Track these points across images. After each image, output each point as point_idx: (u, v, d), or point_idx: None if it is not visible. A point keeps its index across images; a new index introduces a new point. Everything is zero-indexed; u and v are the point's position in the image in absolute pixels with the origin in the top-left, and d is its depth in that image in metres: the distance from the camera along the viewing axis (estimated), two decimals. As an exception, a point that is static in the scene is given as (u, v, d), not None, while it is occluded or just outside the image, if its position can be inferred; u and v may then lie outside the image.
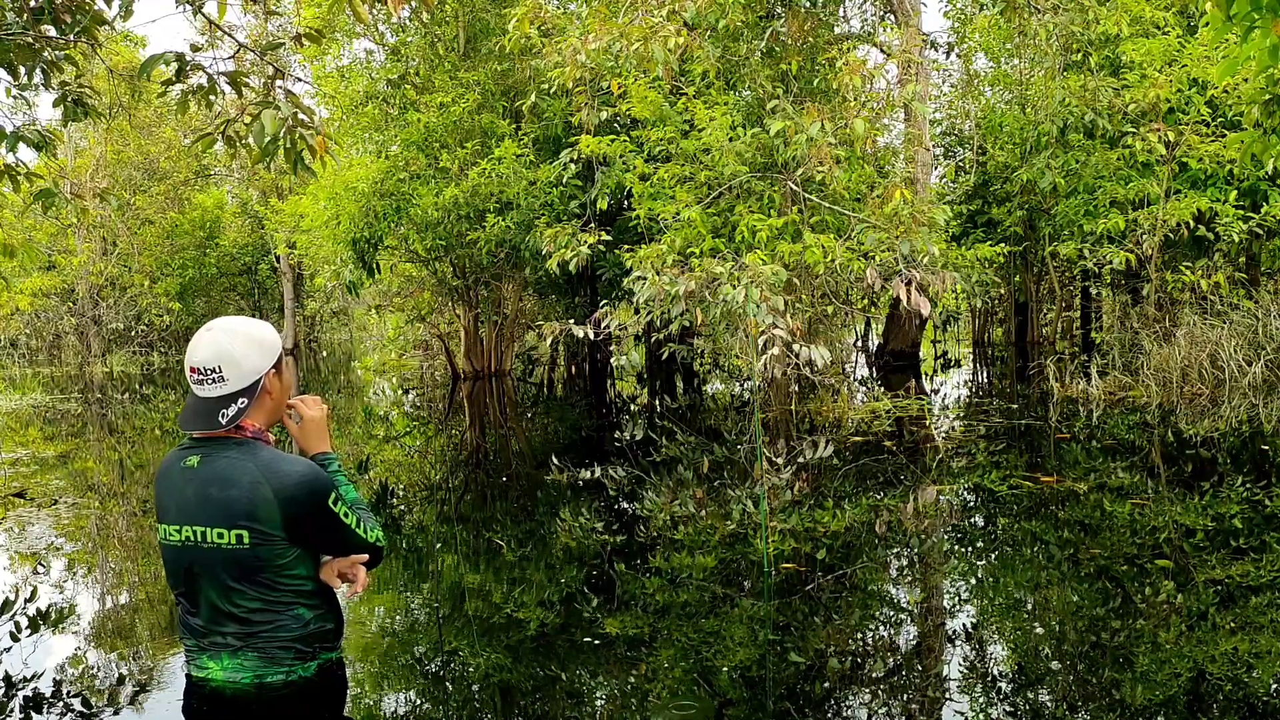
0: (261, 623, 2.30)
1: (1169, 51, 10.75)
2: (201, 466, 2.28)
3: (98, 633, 3.17)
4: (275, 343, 2.38)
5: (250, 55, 5.49)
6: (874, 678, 2.72)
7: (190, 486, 2.27)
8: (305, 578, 2.34)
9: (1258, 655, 2.83)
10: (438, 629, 3.20)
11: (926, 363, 16.54)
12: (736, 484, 5.88)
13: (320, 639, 2.38)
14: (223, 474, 2.26)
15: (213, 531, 2.24)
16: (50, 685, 2.71)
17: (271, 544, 2.26)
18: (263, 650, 2.33)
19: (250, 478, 2.25)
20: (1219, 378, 9.28)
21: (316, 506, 2.29)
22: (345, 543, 2.38)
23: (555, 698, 2.57)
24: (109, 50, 22.21)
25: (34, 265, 29.00)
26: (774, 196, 9.70)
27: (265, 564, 2.27)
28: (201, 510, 2.25)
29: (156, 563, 4.31)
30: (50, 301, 30.73)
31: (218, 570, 2.26)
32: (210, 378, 2.28)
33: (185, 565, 2.28)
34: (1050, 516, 4.69)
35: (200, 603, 2.30)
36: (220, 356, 2.27)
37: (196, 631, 2.34)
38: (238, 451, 2.29)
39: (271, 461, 2.28)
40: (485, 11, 13.88)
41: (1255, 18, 3.83)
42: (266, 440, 2.38)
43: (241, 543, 2.23)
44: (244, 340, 2.31)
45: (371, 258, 14.18)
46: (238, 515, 2.23)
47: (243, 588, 2.27)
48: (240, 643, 2.31)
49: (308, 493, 2.27)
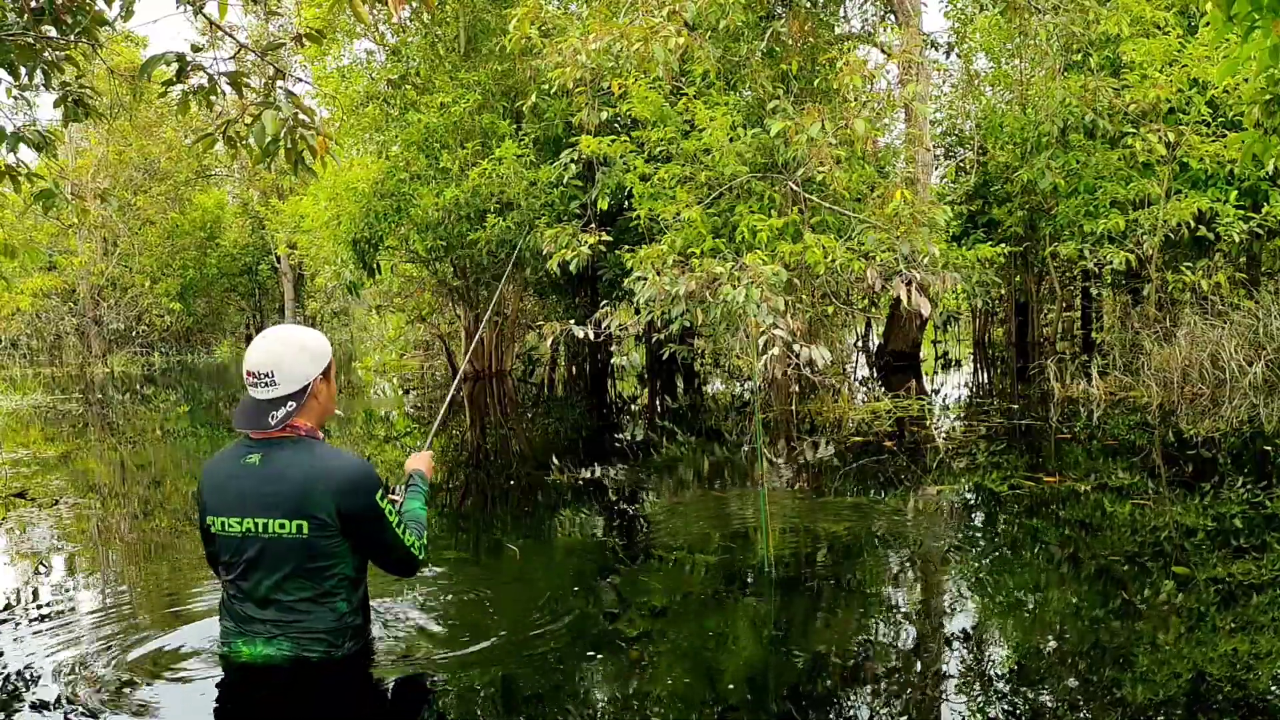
0: (302, 612, 2.49)
1: (1169, 52, 10.74)
2: (262, 464, 2.47)
3: (98, 632, 3.17)
4: (325, 350, 2.58)
5: (251, 56, 5.49)
6: (875, 677, 2.72)
7: (251, 481, 2.47)
8: (349, 572, 2.54)
9: (1258, 656, 2.83)
10: (437, 628, 3.20)
11: (927, 363, 16.54)
12: (737, 484, 5.88)
13: (351, 633, 2.55)
14: (283, 470, 2.46)
15: (274, 523, 2.44)
16: (53, 684, 2.71)
17: (327, 534, 2.46)
18: (296, 640, 2.50)
19: (307, 472, 2.45)
20: (1220, 378, 9.28)
21: (365, 499, 2.48)
22: (386, 541, 2.57)
23: (554, 697, 2.57)
24: (110, 51, 22.22)
25: (35, 265, 29.03)
26: (774, 197, 9.70)
27: (319, 554, 2.47)
28: (264, 503, 2.44)
29: (157, 561, 4.32)
30: (51, 302, 30.74)
31: (277, 559, 2.46)
32: (263, 381, 2.47)
33: (245, 554, 2.48)
34: (1051, 516, 4.69)
35: (251, 589, 2.49)
36: (273, 362, 2.47)
37: (239, 617, 2.53)
38: (294, 449, 2.50)
39: (325, 456, 2.50)
40: (486, 12, 13.87)
41: (1255, 18, 3.83)
42: (318, 438, 2.57)
43: (301, 532, 2.44)
44: (295, 348, 2.51)
45: (372, 258, 14.18)
46: (298, 507, 2.43)
47: (296, 576, 2.47)
48: (278, 631, 2.50)
49: (357, 485, 2.47)
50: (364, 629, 2.64)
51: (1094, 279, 15.48)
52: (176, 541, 4.76)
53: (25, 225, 26.34)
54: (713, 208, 9.76)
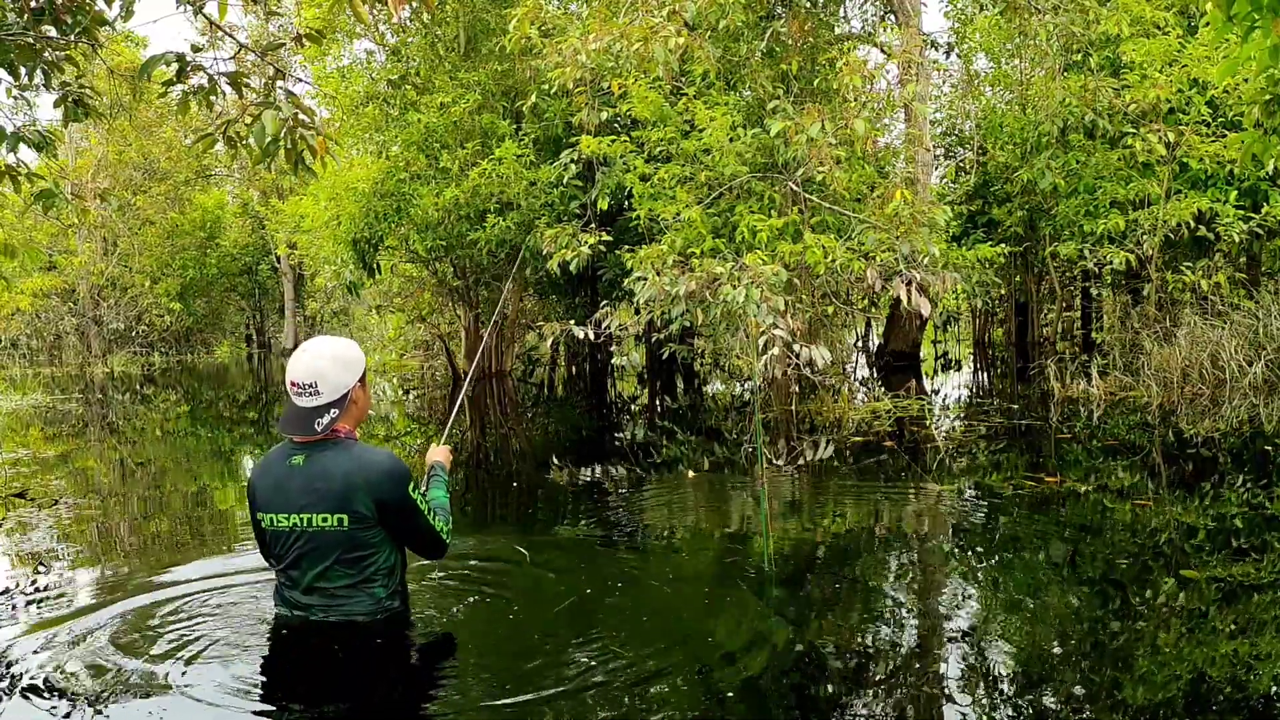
0: (344, 598, 2.78)
1: (1169, 52, 10.74)
2: (306, 464, 2.75)
3: (99, 631, 3.17)
4: (360, 360, 2.85)
5: (251, 56, 5.49)
6: (875, 677, 2.72)
7: (297, 480, 2.74)
8: (386, 560, 2.82)
9: (1259, 656, 2.83)
10: (436, 626, 3.20)
11: (927, 363, 16.54)
12: (737, 484, 5.88)
13: (388, 615, 2.83)
14: (325, 469, 2.73)
15: (318, 517, 2.72)
16: (55, 682, 2.71)
17: (365, 527, 2.74)
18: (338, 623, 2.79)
19: (347, 471, 2.72)
20: (1220, 378, 9.28)
21: (399, 491, 2.76)
22: (418, 527, 2.85)
23: (554, 696, 2.57)
24: (110, 51, 22.21)
25: (35, 265, 29.03)
26: (774, 197, 9.70)
27: (358, 545, 2.75)
28: (309, 500, 2.72)
29: (157, 561, 4.32)
30: (51, 302, 30.75)
31: (322, 550, 2.74)
32: (307, 391, 2.74)
33: (293, 546, 2.76)
34: (1051, 517, 4.69)
35: (299, 577, 2.79)
36: (315, 373, 2.74)
37: (290, 603, 2.84)
38: (335, 450, 2.77)
39: (361, 454, 2.78)
40: (485, 12, 13.87)
41: (1255, 18, 3.83)
42: (355, 439, 2.86)
43: (342, 525, 2.72)
44: (333, 360, 2.78)
45: (372, 258, 14.18)
46: (340, 502, 2.71)
47: (338, 566, 2.76)
48: (322, 615, 2.80)
49: (392, 479, 2.75)
50: (402, 612, 2.91)
51: (1094, 279, 15.48)
52: (177, 541, 4.76)
53: (25, 225, 26.35)
54: (713, 208, 9.76)
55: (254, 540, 3.07)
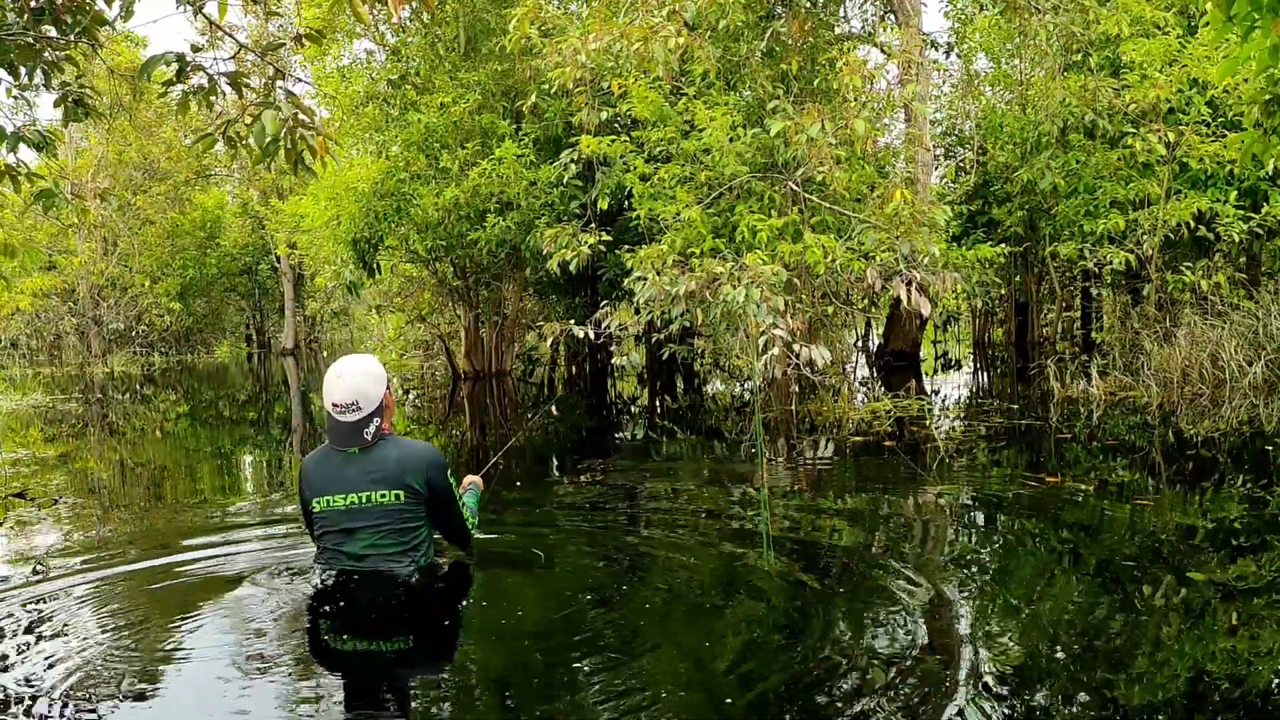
0: (393, 560, 3.26)
1: (1169, 52, 10.74)
2: (361, 455, 3.28)
3: (97, 632, 3.17)
4: (383, 371, 3.38)
5: (251, 56, 5.49)
6: (876, 677, 2.72)
7: (356, 466, 3.26)
8: (425, 535, 3.38)
9: (1259, 655, 2.83)
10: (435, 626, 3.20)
11: (927, 363, 16.54)
12: (737, 484, 5.88)
13: (424, 569, 3.35)
14: (380, 457, 3.28)
15: (377, 494, 3.24)
16: (59, 682, 2.71)
17: (417, 501, 3.29)
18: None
19: (400, 457, 3.29)
20: (1219, 378, 9.27)
21: (439, 473, 3.34)
22: (453, 512, 3.45)
23: (554, 697, 2.57)
24: (110, 51, 22.22)
25: (35, 265, 29.03)
26: (774, 197, 9.70)
27: (408, 517, 3.28)
28: (369, 479, 3.25)
29: (157, 559, 4.32)
30: (51, 302, 30.75)
31: (377, 521, 3.25)
32: (351, 409, 3.25)
33: (347, 521, 3.25)
34: (1052, 517, 4.69)
35: (354, 545, 3.26)
36: (355, 392, 3.24)
37: (342, 560, 3.28)
38: (384, 443, 3.33)
39: (406, 444, 3.36)
40: (485, 12, 13.87)
41: (1255, 18, 3.83)
42: (394, 434, 3.41)
43: (399, 500, 3.26)
44: (365, 376, 3.28)
45: (372, 258, 14.18)
46: (396, 480, 3.25)
47: (389, 534, 3.26)
48: (373, 565, 3.27)
49: (433, 462, 3.33)
50: (433, 567, 3.42)
51: (1094, 279, 15.48)
52: (176, 541, 4.76)
53: (25, 225, 26.34)
54: (713, 208, 9.76)
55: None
